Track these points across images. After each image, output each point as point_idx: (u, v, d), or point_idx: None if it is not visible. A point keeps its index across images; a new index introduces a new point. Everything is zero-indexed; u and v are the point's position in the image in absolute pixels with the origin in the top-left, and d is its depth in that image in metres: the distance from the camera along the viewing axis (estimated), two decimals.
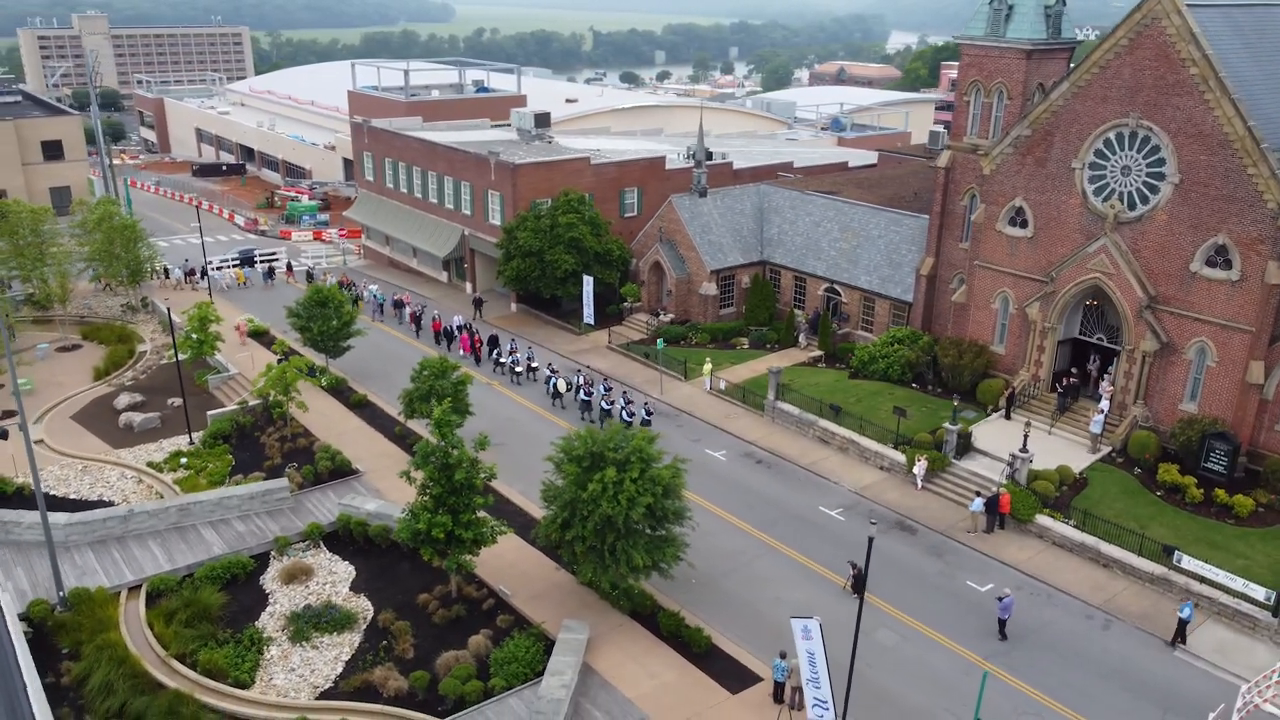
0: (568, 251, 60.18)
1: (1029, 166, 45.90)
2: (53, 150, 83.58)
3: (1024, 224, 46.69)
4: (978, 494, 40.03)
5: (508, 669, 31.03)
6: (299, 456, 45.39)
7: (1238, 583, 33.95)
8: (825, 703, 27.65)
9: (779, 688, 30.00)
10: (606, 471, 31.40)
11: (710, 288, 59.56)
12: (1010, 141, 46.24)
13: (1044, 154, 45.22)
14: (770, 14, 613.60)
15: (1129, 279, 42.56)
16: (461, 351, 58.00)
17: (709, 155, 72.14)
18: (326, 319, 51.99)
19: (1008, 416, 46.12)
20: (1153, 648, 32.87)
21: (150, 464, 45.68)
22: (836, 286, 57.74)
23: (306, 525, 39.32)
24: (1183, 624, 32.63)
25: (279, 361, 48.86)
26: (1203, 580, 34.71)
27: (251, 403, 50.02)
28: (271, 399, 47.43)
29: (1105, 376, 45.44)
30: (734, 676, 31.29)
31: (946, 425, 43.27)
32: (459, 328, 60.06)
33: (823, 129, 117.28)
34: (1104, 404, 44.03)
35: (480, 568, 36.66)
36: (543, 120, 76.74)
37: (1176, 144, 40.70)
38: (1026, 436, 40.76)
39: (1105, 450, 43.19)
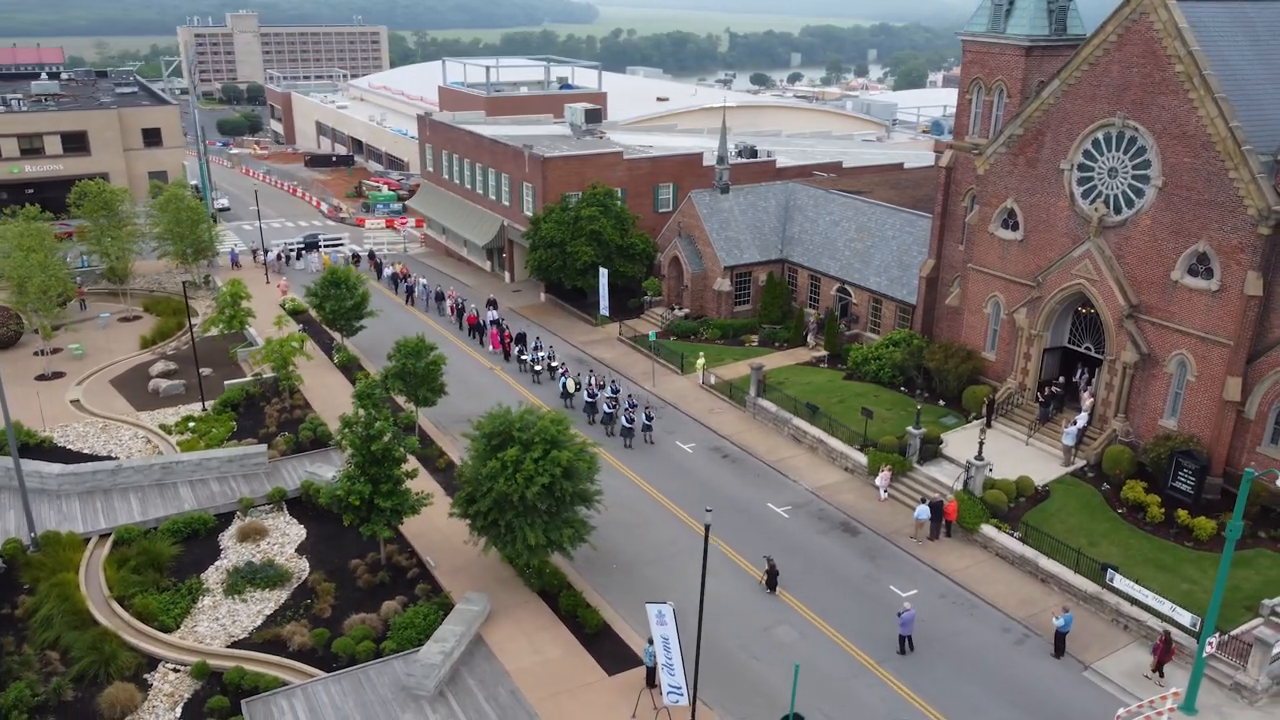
0: (589, 244, 61.26)
1: (1021, 167, 44.37)
2: (152, 137, 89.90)
3: (1015, 226, 45.16)
4: (922, 500, 39.09)
5: (403, 634, 32.31)
6: (293, 427, 47.96)
7: (1165, 606, 32.22)
8: (679, 688, 27.84)
9: (650, 672, 30.27)
10: (508, 451, 32.36)
11: (724, 284, 59.59)
12: (1004, 141, 44.80)
13: (1035, 154, 43.64)
14: (914, 16, 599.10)
15: (1111, 286, 40.70)
16: (491, 348, 58.88)
17: (753, 153, 72.31)
18: (340, 299, 54.59)
19: (989, 424, 44.67)
20: (1063, 666, 31.58)
21: (162, 426, 49.08)
22: (847, 286, 56.93)
23: (272, 489, 41.65)
24: (1059, 635, 31.39)
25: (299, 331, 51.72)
26: (1133, 602, 33.09)
27: (266, 375, 53.05)
28: (281, 373, 50.26)
29: (1088, 388, 43.51)
30: (616, 658, 31.73)
31: (910, 429, 42.33)
32: (491, 323, 60.31)
33: (924, 131, 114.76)
34: (1081, 416, 42.20)
35: (417, 539, 38.28)
36: (593, 116, 78.09)
37: (1161, 145, 38.72)
38: (982, 444, 39.51)
39: (1080, 463, 41.43)
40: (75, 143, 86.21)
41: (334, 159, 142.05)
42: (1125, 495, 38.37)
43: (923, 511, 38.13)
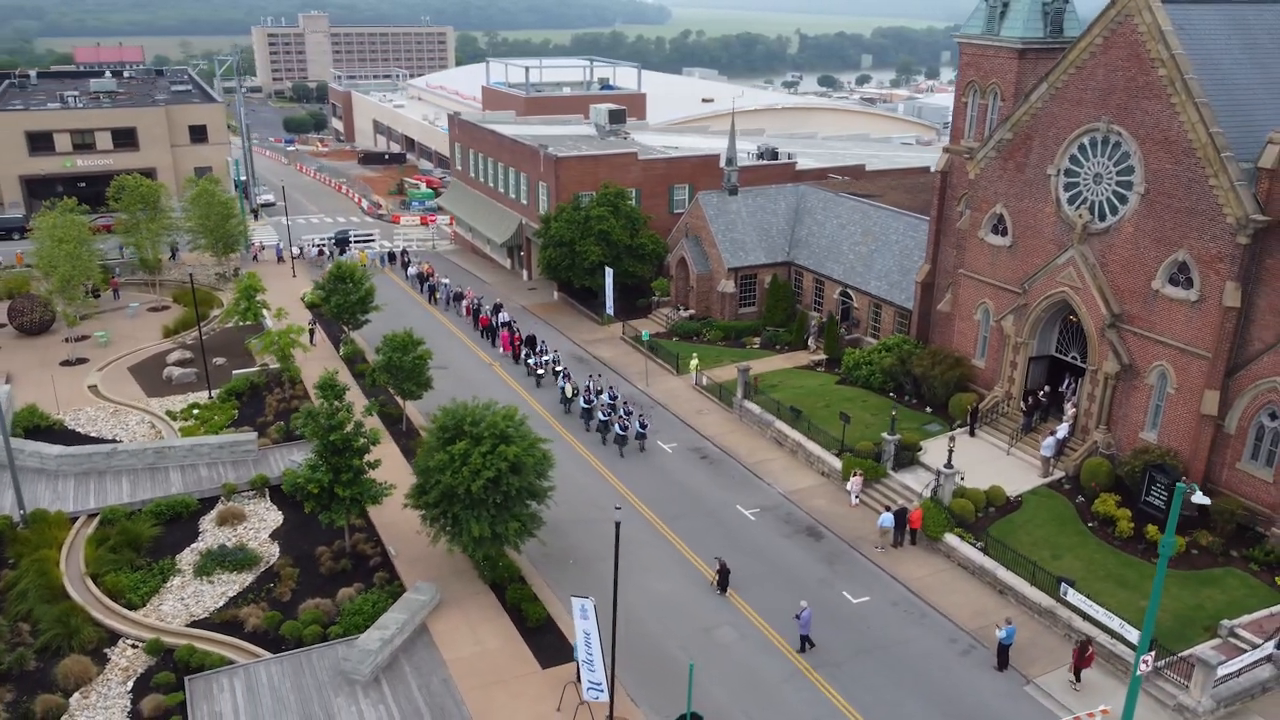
0: (597, 244, 61.71)
1: (1010, 172, 43.60)
2: (198, 134, 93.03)
3: (1004, 232, 44.38)
4: (886, 508, 38.69)
5: (351, 620, 33.11)
6: (289, 416, 49.23)
7: (1115, 622, 31.42)
8: (599, 684, 28.08)
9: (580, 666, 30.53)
10: (457, 444, 32.96)
11: (728, 285, 59.53)
12: (993, 145, 44.05)
13: (1024, 159, 42.84)
14: None
15: (1094, 294, 39.79)
16: (501, 350, 58.82)
17: (774, 155, 72.09)
18: (346, 293, 55.87)
19: (972, 433, 44.03)
20: (1005, 680, 31.04)
21: (168, 413, 50.84)
22: (849, 290, 56.45)
23: (255, 475, 42.91)
24: (1002, 648, 30.84)
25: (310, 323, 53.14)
26: (1085, 617, 32.35)
27: (273, 366, 54.57)
28: (281, 364, 51.70)
29: (1072, 398, 42.56)
30: (554, 652, 32.05)
31: (885, 435, 41.90)
32: (503, 325, 60.04)
33: None
34: (1062, 426, 41.32)
35: (386, 529, 39.15)
36: (617, 116, 78.60)
37: (1144, 151, 37.75)
38: (951, 452, 38.94)
39: (1058, 475, 40.57)
40: (125, 138, 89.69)
41: (386, 157, 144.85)
42: (1096, 509, 37.51)
43: (886, 519, 37.74)
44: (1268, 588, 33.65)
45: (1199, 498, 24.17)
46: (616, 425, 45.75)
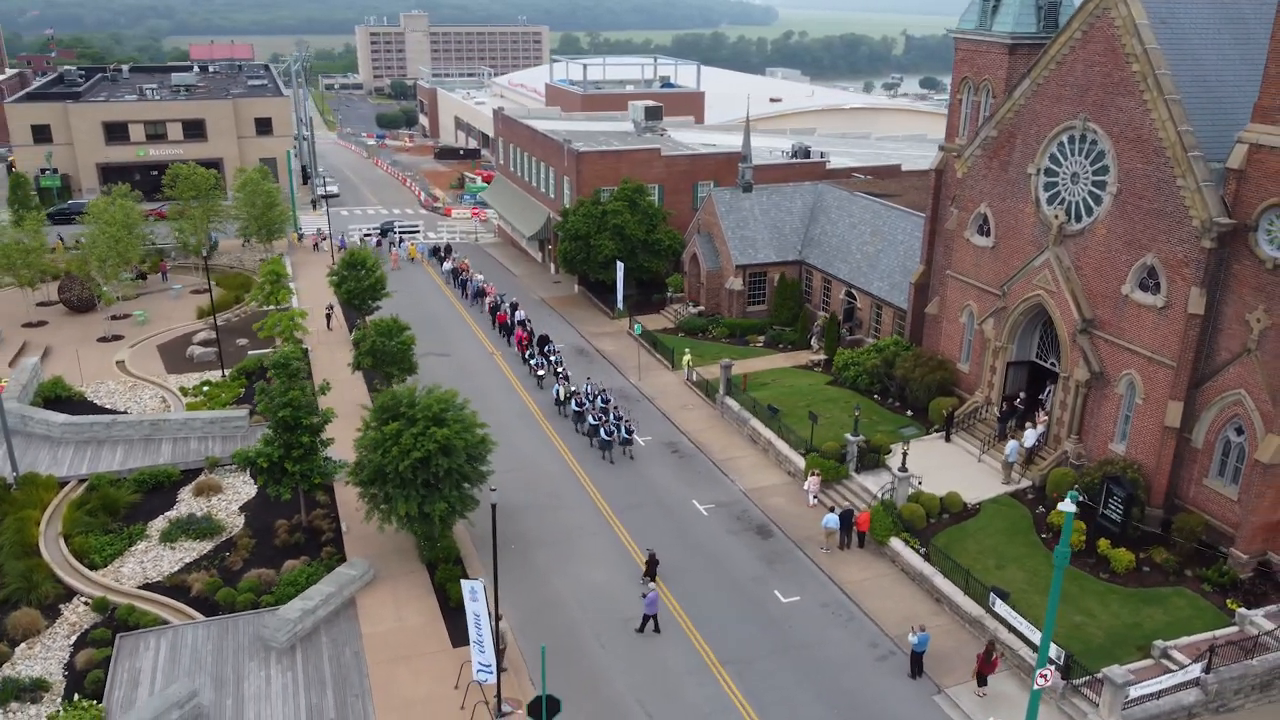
0: (611, 238, 62.06)
1: (994, 170, 42.32)
2: (264, 126, 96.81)
3: (988, 233, 43.08)
4: (831, 509, 38.04)
5: (286, 590, 34.23)
6: None
7: (1037, 636, 30.32)
8: (488, 666, 28.46)
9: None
10: (389, 425, 33.81)
11: (736, 283, 59.17)
12: (979, 143, 42.82)
13: (1007, 157, 41.54)
14: None
15: (1067, 298, 38.34)
16: (516, 349, 58.31)
17: (806, 153, 71.41)
18: (359, 279, 57.56)
19: (947, 438, 42.91)
20: (916, 687, 30.26)
21: (181, 388, 53.25)
22: (854, 290, 55.50)
23: (236, 450, 44.62)
24: (915, 655, 30.02)
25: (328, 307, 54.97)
26: (1010, 629, 31.30)
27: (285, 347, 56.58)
28: (285, 345, 53.55)
29: (1045, 406, 41.07)
30: (467, 632, 32.47)
31: (848, 436, 41.17)
32: (518, 323, 59.93)
33: None
34: (1030, 433, 39.92)
35: (346, 505, 40.21)
36: (653, 113, 78.73)
37: (1118, 149, 36.23)
38: (905, 455, 38.10)
39: (1025, 484, 39.24)
40: (194, 129, 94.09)
41: (461, 152, 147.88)
42: (1051, 520, 36.16)
43: (831, 520, 37.11)
44: (1216, 610, 31.96)
45: (1065, 505, 23.23)
46: (602, 431, 44.44)
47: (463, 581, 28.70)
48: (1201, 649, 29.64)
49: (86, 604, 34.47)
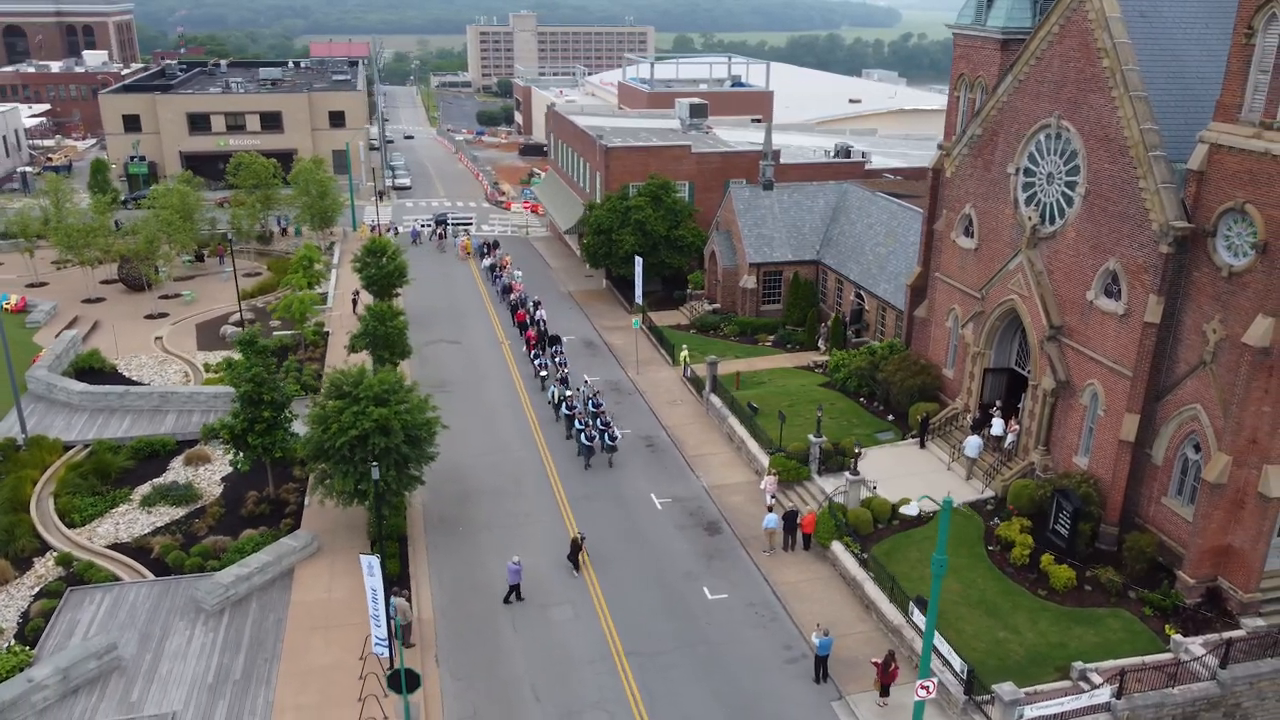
0: (633, 233, 62.27)
1: (979, 170, 40.91)
2: (337, 119, 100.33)
3: (972, 234, 41.66)
4: (769, 510, 37.41)
5: (232, 557, 35.70)
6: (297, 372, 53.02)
7: (945, 648, 29.31)
8: (384, 640, 29.17)
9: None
10: (330, 403, 34.88)
11: (749, 281, 58.61)
12: (966, 142, 41.45)
13: (990, 157, 40.11)
14: None
15: (1037, 303, 36.81)
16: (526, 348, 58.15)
17: (847, 153, 70.30)
18: (381, 266, 59.29)
19: (922, 444, 41.71)
20: (816, 693, 29.63)
21: (205, 365, 55.87)
22: (862, 291, 54.32)
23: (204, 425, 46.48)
24: (818, 659, 29.39)
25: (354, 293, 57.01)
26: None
27: (310, 326, 58.73)
28: (297, 327, 55.69)
29: (1016, 412, 39.47)
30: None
31: (810, 438, 40.41)
32: (534, 322, 59.59)
33: None
34: (996, 422, 38.63)
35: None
36: (699, 111, 78.58)
37: (1088, 149, 34.61)
38: (857, 458, 37.23)
39: (988, 494, 37.84)
40: (272, 121, 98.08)
41: (544, 149, 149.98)
42: (1000, 532, 34.80)
43: (771, 520, 36.57)
44: (1152, 635, 30.28)
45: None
46: (582, 436, 43.32)
47: (360, 556, 29.43)
48: (1131, 674, 28.12)
49: (55, 558, 36.64)
